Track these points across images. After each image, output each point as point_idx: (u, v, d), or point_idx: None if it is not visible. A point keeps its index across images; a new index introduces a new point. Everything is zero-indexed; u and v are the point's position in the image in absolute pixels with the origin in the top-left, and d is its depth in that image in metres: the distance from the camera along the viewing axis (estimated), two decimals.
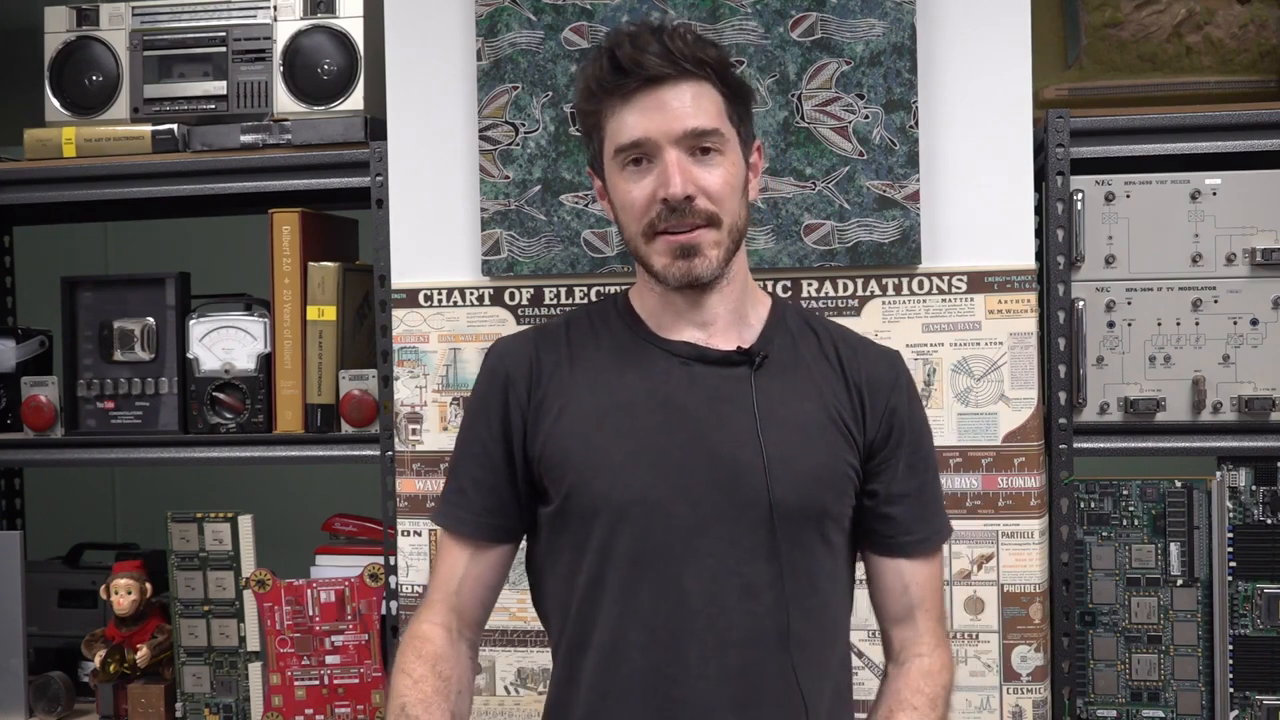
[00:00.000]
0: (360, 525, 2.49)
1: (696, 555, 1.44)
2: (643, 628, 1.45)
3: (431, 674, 1.50)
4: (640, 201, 1.45)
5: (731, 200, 1.46)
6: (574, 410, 1.50)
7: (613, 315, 1.57)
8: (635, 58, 1.43)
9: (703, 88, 1.45)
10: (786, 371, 1.51)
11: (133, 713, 2.38)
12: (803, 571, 1.46)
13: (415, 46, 2.20)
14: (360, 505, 2.58)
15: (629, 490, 1.46)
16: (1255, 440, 2.08)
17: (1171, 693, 2.09)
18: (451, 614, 1.56)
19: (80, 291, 2.45)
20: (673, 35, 1.44)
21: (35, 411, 2.42)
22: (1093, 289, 2.09)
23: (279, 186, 2.35)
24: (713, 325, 1.52)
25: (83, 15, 2.42)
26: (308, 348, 2.33)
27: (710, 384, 1.48)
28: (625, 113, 1.45)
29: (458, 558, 1.57)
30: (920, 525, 1.55)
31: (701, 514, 1.45)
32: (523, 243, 2.16)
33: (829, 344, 1.55)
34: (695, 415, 1.47)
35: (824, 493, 1.48)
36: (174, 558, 2.37)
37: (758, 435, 1.45)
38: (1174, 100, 2.14)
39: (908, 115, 2.05)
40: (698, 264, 1.45)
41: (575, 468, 1.48)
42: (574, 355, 1.54)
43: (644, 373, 1.50)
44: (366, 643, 2.29)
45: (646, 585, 1.45)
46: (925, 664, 1.53)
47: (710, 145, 1.45)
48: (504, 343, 1.60)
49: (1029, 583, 2.05)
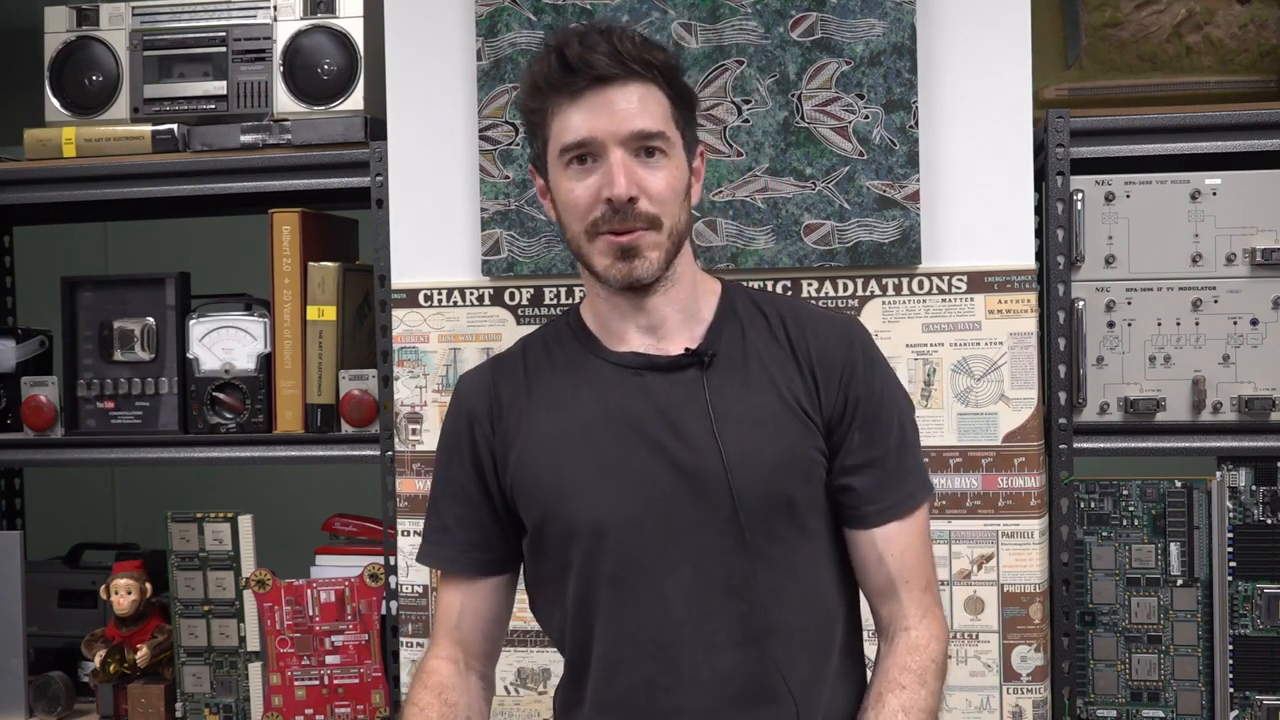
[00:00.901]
0: (360, 525, 2.49)
1: (674, 565, 1.45)
2: (632, 643, 1.47)
3: (437, 701, 1.53)
4: (584, 201, 1.45)
5: (673, 204, 1.46)
6: (536, 438, 1.51)
7: (565, 333, 1.57)
8: (583, 56, 1.42)
9: (649, 90, 1.45)
10: (737, 364, 1.50)
11: (133, 713, 2.38)
12: (781, 562, 1.47)
13: (415, 46, 2.20)
14: (360, 505, 2.58)
15: (597, 511, 1.47)
16: (1255, 440, 2.08)
17: (1171, 693, 2.09)
18: (456, 648, 1.58)
19: (80, 291, 2.45)
20: (621, 37, 1.44)
21: (35, 411, 2.42)
22: (1093, 289, 2.09)
23: (279, 186, 2.35)
24: (661, 328, 1.52)
25: (83, 15, 2.42)
26: (308, 348, 2.33)
27: (663, 391, 1.49)
28: (571, 112, 1.44)
29: (453, 595, 1.59)
30: (884, 493, 1.51)
31: (672, 524, 1.45)
32: (523, 243, 2.16)
33: (778, 325, 1.53)
34: (652, 427, 1.47)
35: (788, 481, 1.47)
36: (174, 558, 2.37)
37: (714, 435, 1.45)
38: (1174, 100, 2.14)
39: (908, 115, 2.05)
40: (638, 265, 1.45)
41: (543, 496, 1.50)
42: (531, 382, 1.55)
43: (598, 390, 1.51)
44: (366, 643, 2.29)
45: (630, 602, 1.46)
46: (912, 638, 1.51)
47: (655, 147, 1.45)
48: (466, 379, 1.61)
49: (1029, 583, 2.05)
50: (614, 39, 1.43)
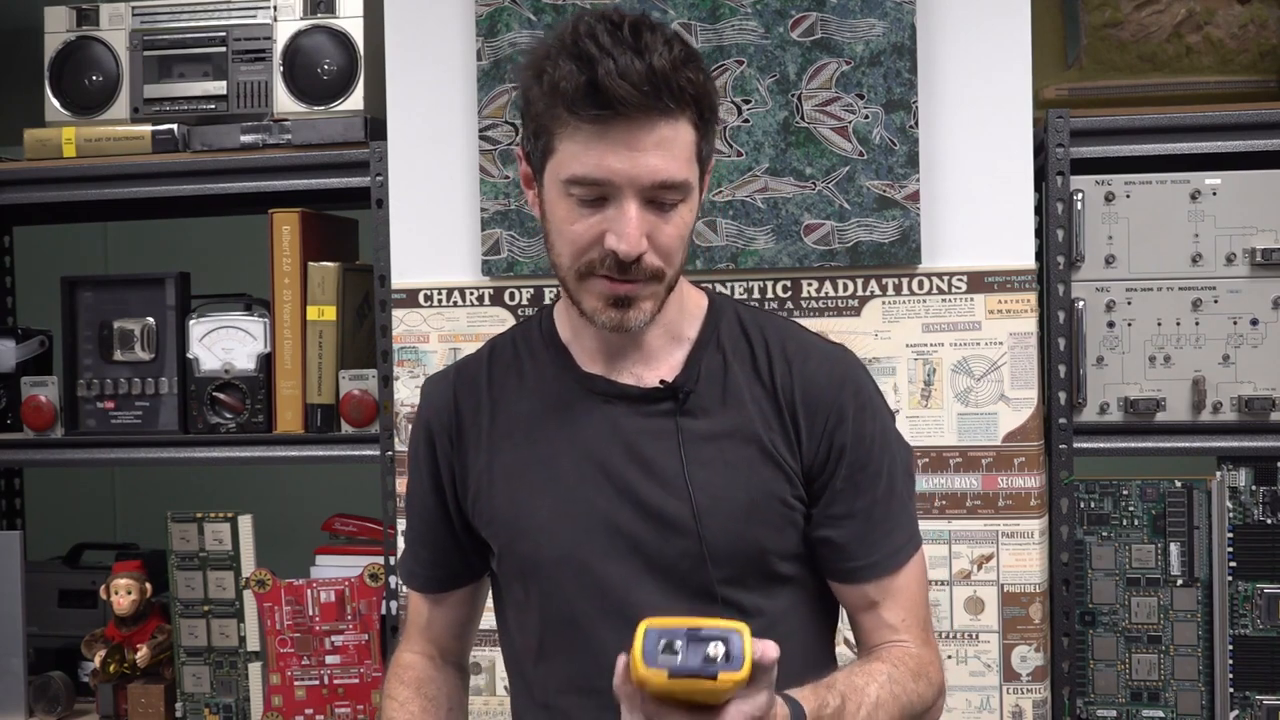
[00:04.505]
0: (360, 525, 2.49)
1: (636, 611, 1.28)
2: (591, 692, 1.36)
3: (417, 695, 1.51)
4: (583, 239, 1.31)
5: (679, 252, 1.34)
6: (498, 466, 1.43)
7: (536, 339, 1.47)
8: (617, 88, 1.25)
9: (679, 128, 1.29)
10: (715, 402, 1.40)
11: (133, 713, 2.38)
12: (750, 610, 1.36)
13: (415, 46, 2.20)
14: (360, 505, 2.58)
15: (558, 552, 1.38)
16: (1255, 440, 2.08)
17: (1171, 693, 2.09)
18: (430, 644, 1.56)
19: (80, 291, 2.45)
20: (660, 54, 1.26)
21: (35, 411, 2.42)
22: (1093, 289, 2.09)
23: (279, 186, 2.35)
24: (640, 350, 1.41)
25: (83, 15, 2.42)
26: (308, 348, 2.33)
27: (634, 425, 1.39)
28: (589, 140, 1.28)
29: (420, 603, 1.55)
30: (867, 548, 1.40)
31: (635, 568, 1.37)
32: (523, 243, 2.16)
33: (764, 359, 1.41)
34: (619, 464, 1.38)
35: (758, 531, 1.37)
36: (174, 558, 2.37)
37: (685, 479, 1.36)
38: (1174, 100, 2.14)
39: (908, 115, 2.05)
40: (631, 316, 1.34)
41: (502, 529, 1.42)
42: (495, 399, 1.45)
43: (565, 418, 1.41)
44: (366, 643, 2.29)
45: (591, 648, 1.36)
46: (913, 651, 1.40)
47: (674, 199, 1.31)
48: (428, 386, 1.52)
49: (1029, 583, 2.05)
50: (651, 58, 1.26)
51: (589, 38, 1.27)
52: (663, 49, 1.27)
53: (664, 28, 1.31)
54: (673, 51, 1.28)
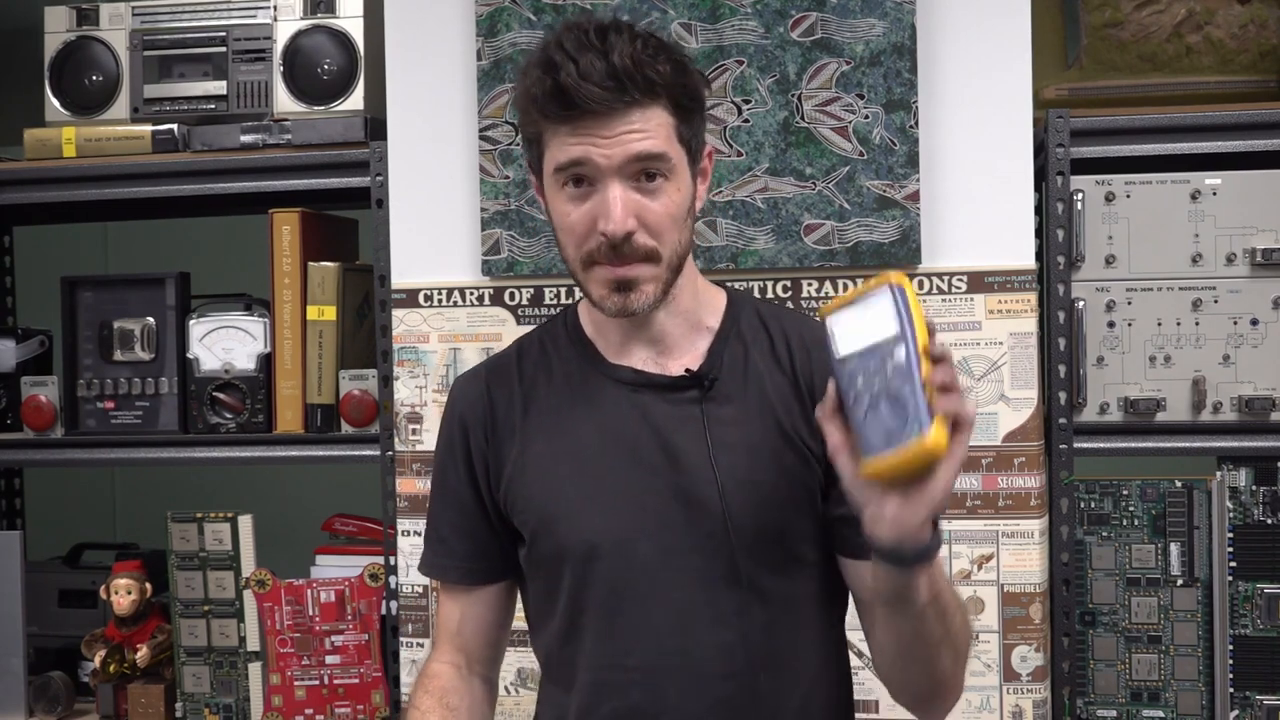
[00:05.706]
0: (360, 525, 2.49)
1: (664, 591, 1.42)
2: (619, 669, 1.44)
3: (438, 705, 1.52)
4: (580, 228, 1.39)
5: (672, 231, 1.40)
6: (530, 455, 1.48)
7: (563, 338, 1.53)
8: (578, 89, 1.33)
9: (651, 111, 1.36)
10: (737, 389, 1.46)
11: (133, 713, 2.38)
12: (774, 593, 1.43)
13: (415, 46, 2.20)
14: (360, 505, 2.58)
15: (589, 534, 1.44)
16: (1255, 440, 2.08)
17: (1171, 693, 2.09)
18: (459, 653, 1.57)
19: (80, 291, 2.45)
20: (621, 52, 1.33)
21: (35, 411, 2.42)
22: (1093, 289, 2.09)
23: (279, 186, 2.35)
24: (662, 341, 1.48)
25: (83, 15, 2.42)
26: (308, 348, 2.33)
27: (661, 412, 1.45)
28: (567, 136, 1.37)
29: (453, 604, 1.57)
30: None
31: (663, 549, 1.42)
32: (523, 243, 2.16)
33: (782, 346, 1.49)
34: (648, 450, 1.44)
35: (782, 513, 1.43)
36: (174, 558, 2.37)
37: (711, 463, 1.42)
38: (1174, 100, 2.14)
39: (908, 115, 2.05)
40: (634, 299, 1.40)
41: (535, 515, 1.47)
42: (526, 393, 1.51)
43: (594, 406, 1.47)
44: (366, 643, 2.29)
45: (618, 628, 1.43)
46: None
47: (656, 170, 1.37)
48: (460, 384, 1.58)
49: (1029, 583, 2.05)
50: (613, 56, 1.33)
51: (556, 45, 1.36)
52: (625, 46, 1.34)
53: (633, 27, 1.38)
54: (636, 47, 1.35)
